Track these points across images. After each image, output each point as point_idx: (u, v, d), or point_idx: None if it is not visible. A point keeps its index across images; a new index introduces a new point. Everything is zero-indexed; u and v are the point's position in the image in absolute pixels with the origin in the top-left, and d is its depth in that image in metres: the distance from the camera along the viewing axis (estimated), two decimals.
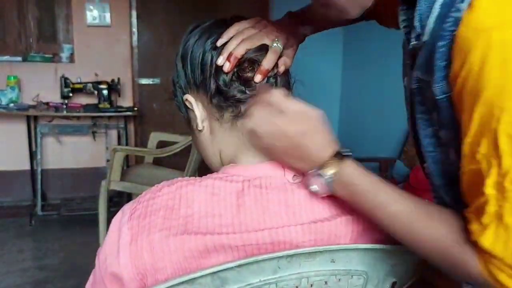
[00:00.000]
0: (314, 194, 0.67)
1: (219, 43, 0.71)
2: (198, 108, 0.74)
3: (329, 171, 0.63)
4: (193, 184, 0.66)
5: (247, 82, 0.70)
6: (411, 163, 3.04)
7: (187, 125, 0.81)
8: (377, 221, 0.63)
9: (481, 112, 0.51)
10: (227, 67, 0.69)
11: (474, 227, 0.54)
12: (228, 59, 0.69)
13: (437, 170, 0.66)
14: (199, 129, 0.75)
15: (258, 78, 0.70)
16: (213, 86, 0.71)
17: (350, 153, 0.64)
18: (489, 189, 0.52)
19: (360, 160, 0.65)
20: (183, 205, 0.64)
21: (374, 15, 0.87)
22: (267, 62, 0.71)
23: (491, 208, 0.52)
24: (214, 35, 0.72)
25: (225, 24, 0.74)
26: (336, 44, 4.41)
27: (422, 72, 0.60)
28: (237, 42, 0.70)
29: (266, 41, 0.73)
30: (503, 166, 0.50)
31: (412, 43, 0.61)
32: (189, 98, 0.75)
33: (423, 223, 0.59)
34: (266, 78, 0.71)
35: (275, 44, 0.73)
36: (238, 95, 0.70)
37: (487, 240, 0.52)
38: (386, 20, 0.86)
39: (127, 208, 0.67)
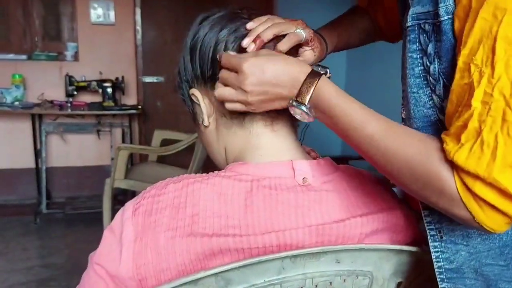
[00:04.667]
0: (323, 196, 0.67)
1: (249, 26, 0.69)
2: (204, 103, 0.73)
3: (305, 98, 0.61)
4: (200, 182, 0.65)
5: None
6: None
7: (192, 119, 0.79)
8: (354, 144, 0.62)
9: (484, 17, 0.51)
10: (251, 48, 0.67)
11: (450, 146, 0.54)
12: (254, 41, 0.67)
13: (418, 112, 0.65)
14: (205, 124, 0.74)
15: None
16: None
17: (325, 69, 0.65)
18: (476, 102, 0.52)
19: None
20: (189, 204, 0.63)
21: (383, 35, 1.01)
22: (282, 44, 0.68)
23: (472, 124, 0.51)
24: (228, 27, 0.70)
25: (238, 16, 0.72)
26: None
27: (423, 4, 0.62)
28: (266, 26, 0.68)
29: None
30: (495, 72, 0.50)
31: None
32: (196, 92, 0.73)
33: (399, 141, 0.58)
34: None
35: (298, 30, 0.70)
36: None
37: (461, 157, 0.52)
38: (391, 36, 0.99)
39: (129, 204, 0.66)
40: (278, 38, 0.69)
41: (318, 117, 0.63)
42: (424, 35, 0.63)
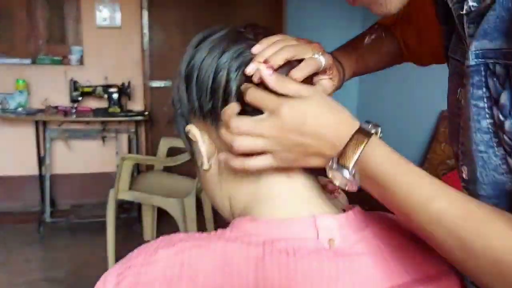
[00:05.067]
0: (355, 262, 0.53)
1: (254, 50, 0.55)
2: (204, 142, 0.60)
3: (350, 161, 0.49)
4: (199, 247, 0.52)
5: None
6: (436, 174, 2.86)
7: (191, 159, 0.66)
8: (413, 226, 0.48)
9: None
10: (257, 77, 0.54)
11: None
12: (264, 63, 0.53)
13: (487, 177, 0.51)
14: (204, 168, 0.61)
15: None
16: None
17: (377, 128, 0.51)
18: None
19: None
20: (185, 277, 0.49)
21: (412, 57, 0.87)
22: (296, 72, 0.55)
23: None
24: (230, 49, 0.57)
25: (241, 36, 0.58)
26: None
27: (492, 38, 0.48)
28: (275, 49, 0.55)
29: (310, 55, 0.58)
30: None
31: (471, 6, 0.50)
32: (193, 129, 0.60)
33: (480, 230, 0.42)
34: None
35: (316, 55, 0.58)
36: None
37: None
38: (424, 58, 0.85)
39: (112, 273, 0.52)
40: (291, 63, 0.56)
41: (364, 185, 0.50)
42: (495, 79, 0.48)
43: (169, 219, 2.73)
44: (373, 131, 0.50)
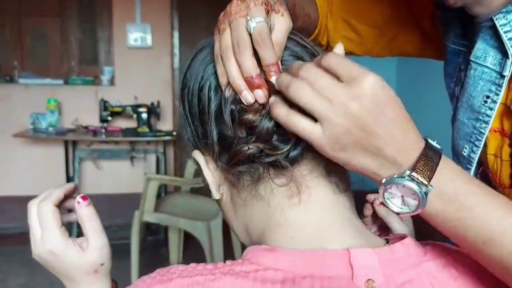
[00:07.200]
0: None
1: (221, 80, 0.46)
2: (209, 170, 0.51)
3: (424, 176, 0.39)
4: (199, 285, 0.41)
5: (250, 128, 0.45)
6: None
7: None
8: (498, 254, 0.39)
9: None
10: (262, 98, 0.44)
11: None
12: (254, 86, 0.44)
13: None
14: (215, 197, 0.52)
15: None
16: (215, 138, 0.47)
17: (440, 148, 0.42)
18: None
19: None
20: None
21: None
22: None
23: None
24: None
25: None
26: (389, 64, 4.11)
27: None
28: (231, 59, 0.45)
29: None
30: None
31: None
32: (197, 156, 0.51)
33: None
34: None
35: (252, 24, 0.45)
36: (247, 149, 0.44)
37: None
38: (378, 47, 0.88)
39: None
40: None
41: (431, 210, 0.41)
42: None
43: (197, 242, 2.62)
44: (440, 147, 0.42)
